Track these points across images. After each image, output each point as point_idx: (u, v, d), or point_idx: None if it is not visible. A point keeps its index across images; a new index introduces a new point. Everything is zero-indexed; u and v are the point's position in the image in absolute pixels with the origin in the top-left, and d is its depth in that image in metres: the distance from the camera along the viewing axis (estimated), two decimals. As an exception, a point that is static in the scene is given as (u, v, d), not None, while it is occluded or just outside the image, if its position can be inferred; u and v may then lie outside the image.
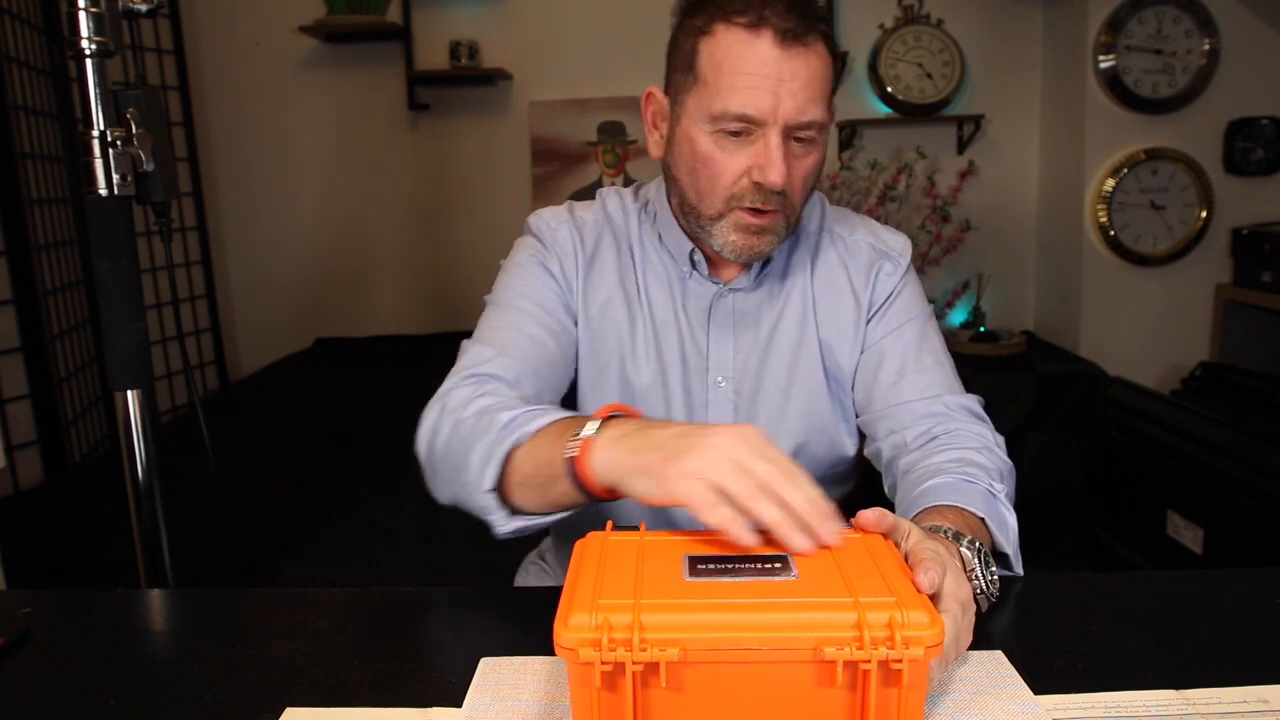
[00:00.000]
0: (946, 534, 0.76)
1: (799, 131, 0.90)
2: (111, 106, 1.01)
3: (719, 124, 0.90)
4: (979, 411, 1.01)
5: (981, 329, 3.06)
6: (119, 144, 1.01)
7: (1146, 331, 2.98)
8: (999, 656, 0.69)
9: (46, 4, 2.63)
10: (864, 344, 1.06)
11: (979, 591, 0.74)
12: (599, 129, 3.28)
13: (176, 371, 3.18)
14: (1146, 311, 2.97)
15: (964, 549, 0.75)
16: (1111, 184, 2.87)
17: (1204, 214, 2.88)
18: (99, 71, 1.00)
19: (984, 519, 0.84)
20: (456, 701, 0.65)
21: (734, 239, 0.95)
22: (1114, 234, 2.90)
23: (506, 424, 0.82)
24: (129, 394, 1.07)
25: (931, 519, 0.81)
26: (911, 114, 3.12)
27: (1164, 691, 0.65)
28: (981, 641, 0.70)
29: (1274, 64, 2.82)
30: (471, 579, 1.59)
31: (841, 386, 1.07)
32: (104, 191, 1.01)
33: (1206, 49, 2.80)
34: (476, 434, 0.83)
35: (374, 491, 1.97)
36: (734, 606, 0.55)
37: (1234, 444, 1.92)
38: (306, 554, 1.69)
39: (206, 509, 1.63)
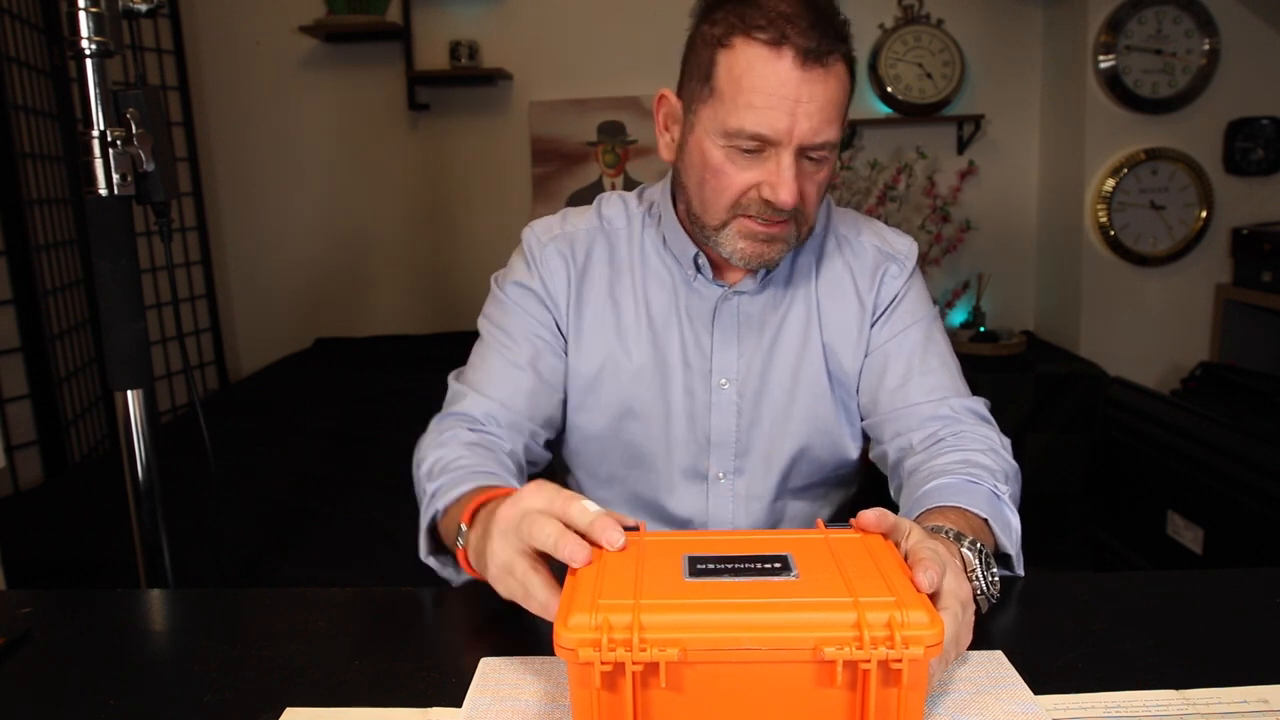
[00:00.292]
0: (948, 534, 0.76)
1: (813, 151, 0.90)
2: (111, 106, 1.01)
3: (733, 140, 0.89)
4: (985, 414, 1.01)
5: (981, 329, 3.06)
6: (119, 144, 1.01)
7: (1146, 331, 2.98)
8: (999, 656, 0.69)
9: (46, 4, 2.62)
10: (869, 346, 1.05)
11: (979, 592, 0.74)
12: (599, 129, 3.27)
13: (176, 371, 3.18)
14: (1146, 311, 2.97)
15: (965, 549, 0.75)
16: (1111, 184, 2.87)
17: (1204, 214, 2.88)
18: (99, 71, 1.00)
19: (987, 520, 0.84)
20: (456, 701, 0.65)
21: (742, 246, 0.95)
22: (1114, 234, 2.90)
23: (431, 494, 0.88)
24: (129, 394, 1.07)
25: (934, 519, 0.81)
26: (911, 114, 3.12)
27: (1164, 691, 0.65)
28: (981, 641, 0.70)
29: (1274, 64, 2.82)
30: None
31: (845, 389, 1.06)
32: (104, 191, 1.01)
33: (1206, 49, 2.80)
34: (420, 498, 0.92)
35: (374, 491, 1.97)
36: (734, 606, 0.55)
37: (1234, 444, 1.92)
38: (306, 554, 1.69)
39: (206, 509, 1.63)
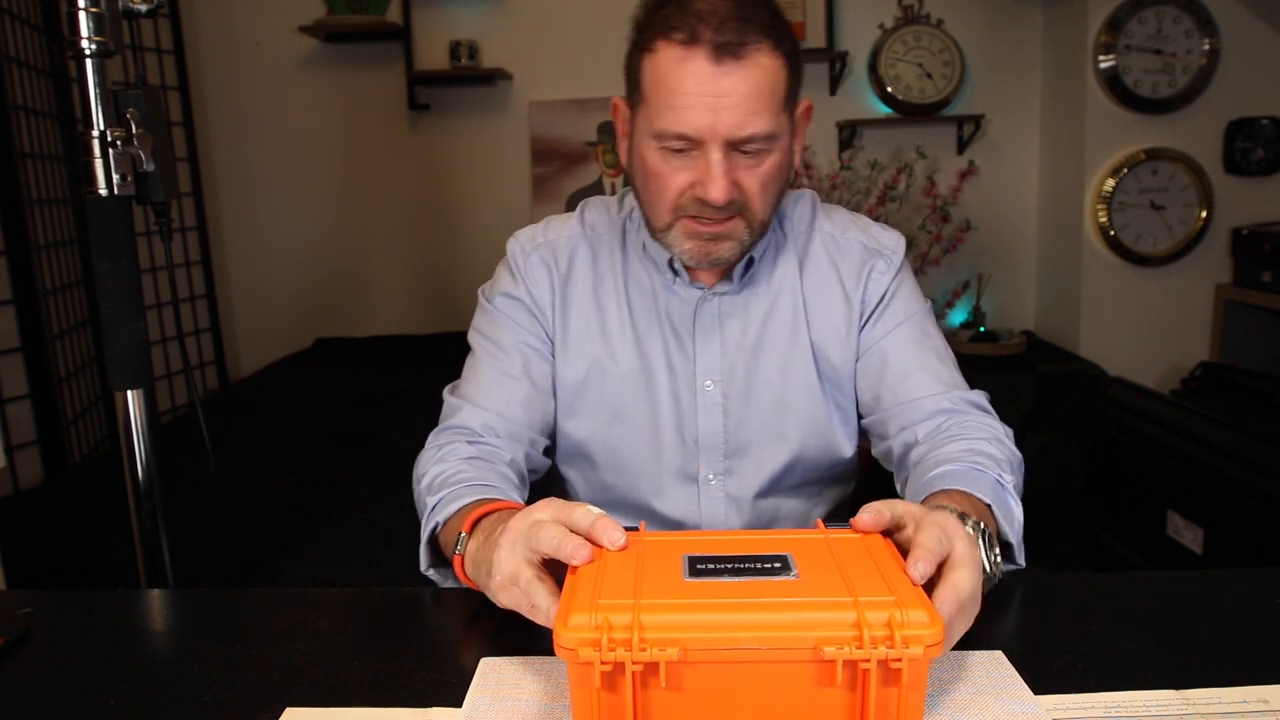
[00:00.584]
0: (952, 513, 0.76)
1: (745, 145, 0.90)
2: (111, 106, 1.01)
3: (664, 141, 0.91)
4: (986, 405, 1.02)
5: (981, 329, 3.06)
6: (119, 144, 1.00)
7: (1146, 331, 2.98)
8: (999, 656, 0.69)
9: (46, 4, 2.62)
10: (861, 345, 1.06)
11: (983, 571, 0.74)
12: (599, 129, 3.27)
13: (176, 371, 3.18)
14: (1146, 311, 2.97)
15: (968, 529, 0.75)
16: (1111, 184, 2.87)
17: (1204, 214, 2.88)
18: (99, 71, 1.00)
19: (990, 506, 0.84)
20: (456, 701, 0.65)
21: (689, 246, 0.96)
22: (1114, 234, 2.90)
23: (432, 508, 0.88)
24: (129, 394, 1.07)
25: (938, 501, 0.81)
26: (911, 114, 3.12)
27: (1164, 691, 0.65)
28: (981, 641, 0.70)
29: (1274, 64, 2.82)
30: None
31: (837, 387, 1.06)
32: (104, 191, 1.01)
33: (1206, 49, 2.80)
34: (420, 512, 0.92)
35: (374, 491, 1.97)
36: (733, 606, 0.55)
37: (1234, 444, 1.92)
38: (306, 554, 1.69)
39: (206, 509, 1.63)
